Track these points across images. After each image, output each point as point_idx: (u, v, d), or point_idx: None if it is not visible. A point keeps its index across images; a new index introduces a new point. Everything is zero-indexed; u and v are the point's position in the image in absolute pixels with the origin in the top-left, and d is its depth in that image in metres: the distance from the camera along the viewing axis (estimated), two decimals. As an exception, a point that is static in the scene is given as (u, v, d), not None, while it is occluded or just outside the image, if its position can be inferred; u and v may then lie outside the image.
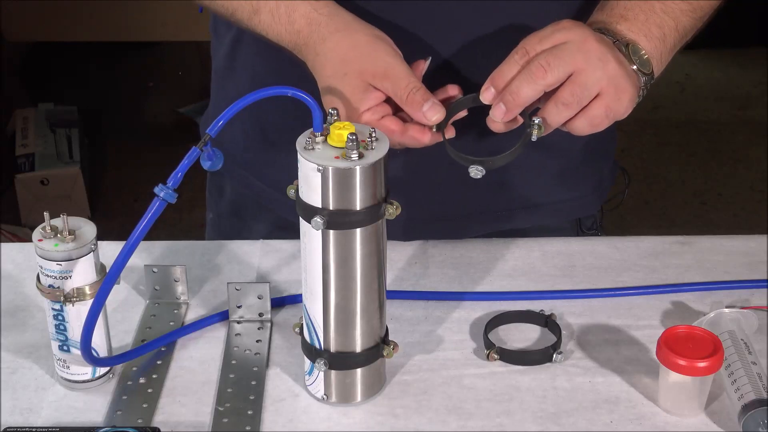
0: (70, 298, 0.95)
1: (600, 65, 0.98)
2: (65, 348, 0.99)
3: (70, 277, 0.95)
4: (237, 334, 1.08)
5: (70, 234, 0.94)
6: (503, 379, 1.02)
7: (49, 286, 0.96)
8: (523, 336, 1.08)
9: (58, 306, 0.96)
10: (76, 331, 0.97)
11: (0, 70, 3.35)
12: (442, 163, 1.04)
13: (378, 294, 0.96)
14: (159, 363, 1.04)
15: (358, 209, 0.90)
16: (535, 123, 0.98)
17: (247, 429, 0.96)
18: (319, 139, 0.90)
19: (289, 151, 0.91)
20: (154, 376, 1.02)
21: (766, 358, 1.01)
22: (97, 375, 1.00)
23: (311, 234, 0.92)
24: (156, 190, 0.89)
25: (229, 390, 1.00)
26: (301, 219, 0.92)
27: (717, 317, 1.04)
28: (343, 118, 0.96)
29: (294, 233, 0.95)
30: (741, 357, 0.98)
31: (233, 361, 1.04)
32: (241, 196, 1.31)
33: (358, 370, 0.98)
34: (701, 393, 0.97)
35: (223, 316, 1.10)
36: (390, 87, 0.99)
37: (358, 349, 0.97)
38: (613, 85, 0.99)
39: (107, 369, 1.01)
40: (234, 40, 1.23)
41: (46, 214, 0.95)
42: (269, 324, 1.09)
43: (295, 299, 1.12)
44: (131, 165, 3.20)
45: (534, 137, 0.98)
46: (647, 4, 1.06)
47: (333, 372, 0.97)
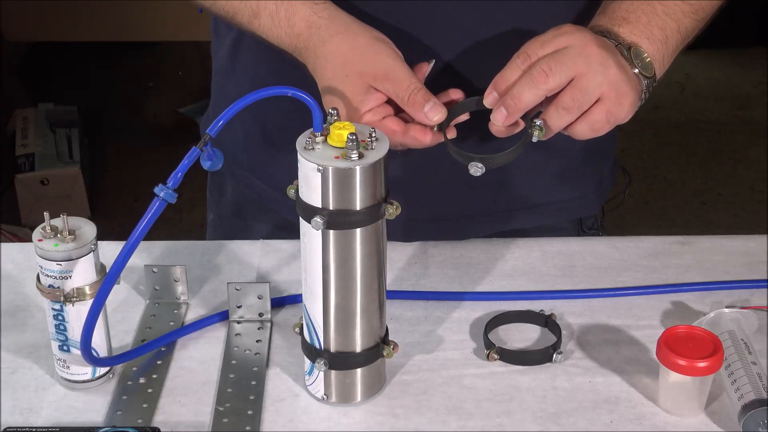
0: (70, 298, 0.95)
1: (601, 70, 0.98)
2: (65, 348, 0.99)
3: (70, 277, 0.95)
4: (237, 334, 1.08)
5: (70, 234, 0.94)
6: (503, 379, 1.02)
7: (49, 286, 0.96)
8: (523, 336, 1.08)
9: (58, 306, 0.96)
10: (76, 331, 0.97)
11: (0, 70, 3.35)
12: (442, 164, 1.04)
13: (378, 294, 0.96)
14: (159, 363, 1.04)
15: (358, 209, 0.90)
16: (536, 124, 0.98)
17: (247, 429, 0.96)
18: (319, 139, 0.90)
19: (291, 151, 0.91)
20: (154, 376, 1.02)
21: (766, 358, 1.01)
22: (97, 375, 1.01)
23: (311, 234, 0.92)
24: (156, 190, 0.89)
25: (229, 390, 1.00)
26: (301, 219, 0.92)
27: (717, 317, 1.04)
28: (344, 119, 0.96)
29: (295, 233, 0.95)
30: (741, 357, 0.98)
31: (233, 361, 1.04)
32: (243, 196, 1.31)
33: (358, 370, 0.98)
34: (701, 393, 0.97)
35: (223, 316, 1.10)
36: (391, 88, 0.99)
37: (358, 349, 0.97)
38: (614, 90, 0.98)
39: (107, 369, 1.01)
40: (235, 41, 1.23)
41: (46, 214, 0.95)
42: (269, 324, 1.09)
43: (295, 299, 1.12)
44: (131, 165, 3.20)
45: (534, 138, 0.98)
46: (649, 7, 1.05)
47: (333, 372, 0.97)
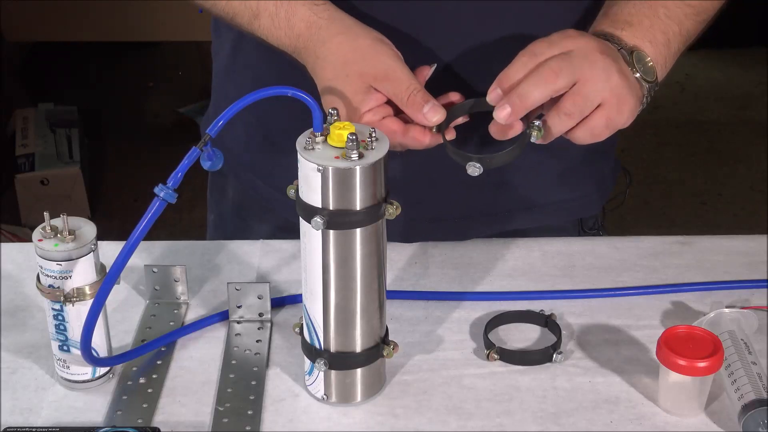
0: (70, 298, 0.95)
1: (603, 76, 0.98)
2: (65, 348, 0.99)
3: (70, 277, 0.95)
4: (237, 334, 1.08)
5: (70, 234, 0.94)
6: (503, 379, 1.02)
7: (49, 286, 0.96)
8: (523, 336, 1.08)
9: (58, 306, 0.96)
10: (76, 331, 0.97)
11: (0, 70, 3.35)
12: (442, 164, 1.04)
13: (378, 294, 0.96)
14: (159, 363, 1.04)
15: (358, 209, 0.90)
16: (534, 125, 0.98)
17: (247, 429, 0.96)
18: (319, 139, 0.90)
19: (292, 152, 0.91)
20: (154, 376, 1.02)
21: (766, 358, 1.01)
22: (97, 375, 1.01)
23: (311, 234, 0.92)
24: (156, 190, 0.89)
25: (229, 390, 1.00)
26: (301, 219, 0.92)
27: (717, 317, 1.04)
28: (343, 119, 0.96)
29: (296, 234, 0.95)
30: (741, 357, 0.98)
31: (233, 361, 1.04)
32: (245, 197, 1.31)
33: (358, 370, 0.98)
34: (701, 393, 0.97)
35: (223, 316, 1.10)
36: (391, 89, 0.99)
37: (358, 349, 0.97)
38: (615, 96, 0.98)
39: (107, 369, 1.01)
40: (235, 41, 1.23)
41: (46, 214, 0.95)
42: (269, 324, 1.09)
43: (295, 299, 1.12)
44: (131, 165, 3.20)
45: (533, 139, 0.98)
46: (651, 10, 1.05)
47: (333, 372, 0.97)
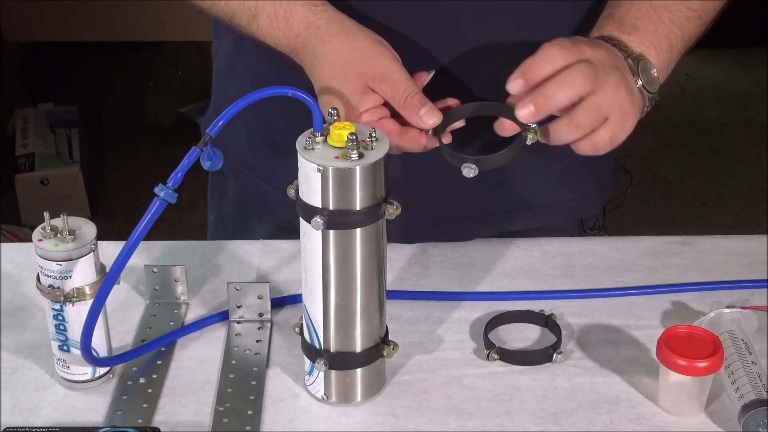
0: (70, 298, 0.95)
1: (614, 90, 0.97)
2: (65, 348, 0.99)
3: (70, 277, 0.95)
4: (237, 334, 1.08)
5: (70, 234, 0.94)
6: (503, 379, 1.02)
7: (49, 286, 0.96)
8: (523, 336, 1.08)
9: (58, 306, 0.96)
10: (76, 331, 0.97)
11: (0, 70, 3.35)
12: (442, 165, 1.04)
13: (378, 294, 0.96)
14: (159, 363, 1.04)
15: (358, 209, 0.90)
16: (531, 127, 0.98)
17: (247, 429, 0.96)
18: (319, 139, 0.90)
19: (293, 153, 0.91)
20: (154, 376, 1.02)
21: (766, 358, 1.01)
22: (97, 375, 1.01)
23: (311, 234, 0.92)
24: (156, 190, 0.89)
25: (229, 390, 1.00)
26: (301, 219, 0.92)
27: (717, 317, 1.04)
28: (342, 119, 0.96)
29: (297, 235, 0.95)
30: (741, 357, 0.98)
31: (233, 361, 1.04)
32: (245, 197, 1.31)
33: (358, 370, 0.98)
34: (701, 393, 0.97)
35: (223, 316, 1.10)
36: (388, 90, 0.99)
37: (358, 349, 0.97)
38: (621, 112, 0.98)
39: (107, 369, 1.01)
40: (235, 42, 1.23)
41: (46, 214, 0.95)
42: (269, 324, 1.09)
43: (295, 299, 1.12)
44: (131, 165, 3.20)
45: (528, 141, 0.98)
46: (656, 14, 1.05)
47: (333, 372, 0.97)
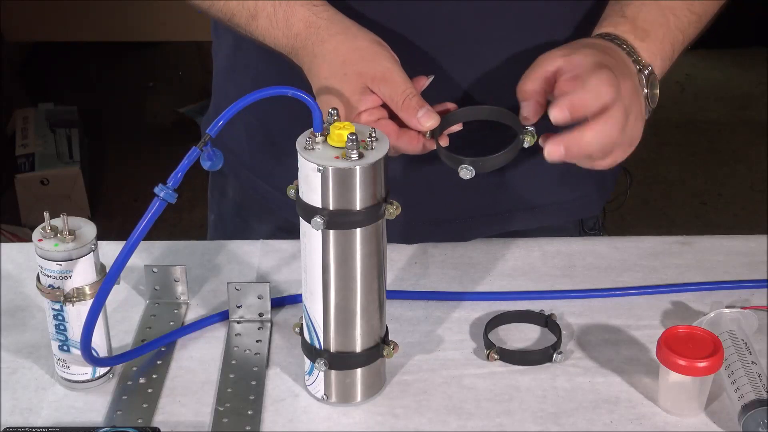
0: (70, 298, 0.95)
1: (635, 131, 0.99)
2: (65, 348, 0.99)
3: (70, 277, 0.95)
4: (237, 334, 1.08)
5: (70, 234, 0.94)
6: (503, 379, 1.02)
7: (49, 286, 0.96)
8: (523, 336, 1.08)
9: (58, 306, 0.96)
10: (76, 331, 0.97)
11: (0, 70, 3.35)
12: (442, 166, 1.04)
13: (378, 294, 0.96)
14: (159, 363, 1.04)
15: (358, 209, 0.90)
16: (528, 130, 0.98)
17: (247, 429, 0.96)
18: (319, 139, 0.90)
19: (293, 153, 0.91)
20: (154, 376, 1.02)
21: (766, 358, 1.01)
22: (97, 375, 1.01)
23: (311, 234, 0.92)
24: (156, 190, 0.89)
25: (229, 390, 1.00)
26: (301, 219, 0.92)
27: (717, 317, 1.04)
28: (341, 118, 0.96)
29: (297, 235, 0.95)
30: (741, 357, 0.98)
31: (233, 361, 1.04)
32: (245, 197, 1.31)
33: (358, 370, 0.98)
34: (701, 393, 0.97)
35: (223, 316, 1.10)
36: (387, 91, 0.99)
37: (358, 349, 0.97)
38: (629, 141, 0.99)
39: (107, 369, 1.01)
40: (235, 42, 1.23)
41: (46, 214, 0.95)
42: (269, 324, 1.09)
43: (295, 299, 1.12)
44: (131, 165, 3.20)
45: (526, 144, 0.98)
46: (664, 18, 1.05)
47: (333, 372, 0.97)
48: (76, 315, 0.96)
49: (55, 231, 0.95)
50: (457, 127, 1.03)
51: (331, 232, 0.91)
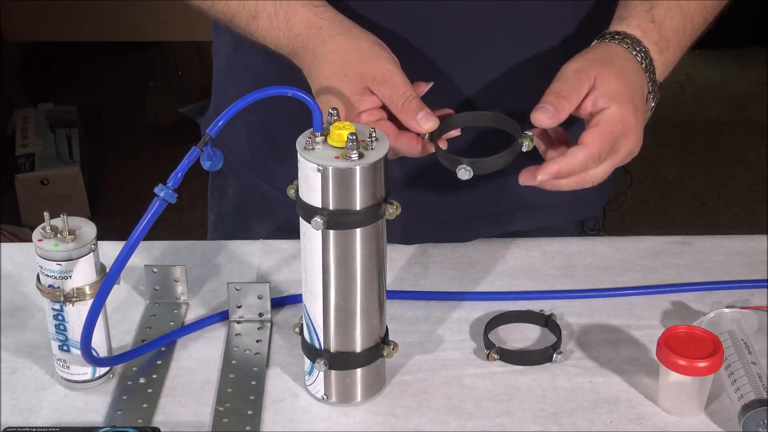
0: (70, 298, 0.95)
1: (634, 150, 1.01)
2: (65, 348, 0.99)
3: (70, 277, 0.95)
4: (237, 334, 1.08)
5: (70, 234, 0.94)
6: (503, 379, 1.02)
7: (49, 286, 0.96)
8: (523, 336, 1.08)
9: (58, 306, 0.96)
10: (76, 331, 0.97)
11: (0, 70, 3.35)
12: (442, 166, 1.04)
13: (378, 294, 0.96)
14: (159, 363, 1.04)
15: (358, 209, 0.90)
16: (527, 134, 0.98)
17: (247, 429, 0.96)
18: (319, 139, 0.90)
19: (293, 153, 0.91)
20: (154, 376, 1.02)
21: (766, 358, 1.01)
22: (97, 375, 1.01)
23: (311, 234, 0.92)
24: (156, 190, 0.89)
25: (229, 390, 1.00)
26: (301, 219, 0.92)
27: (717, 317, 1.04)
28: (341, 118, 0.96)
29: (297, 235, 0.95)
30: (741, 357, 0.98)
31: (233, 361, 1.04)
32: (246, 197, 1.31)
33: (358, 370, 0.98)
34: (701, 393, 0.97)
35: (223, 316, 1.10)
36: (387, 93, 0.99)
37: (358, 349, 0.97)
38: (628, 157, 1.02)
39: (107, 369, 1.01)
40: (235, 41, 1.23)
41: (46, 214, 0.95)
42: (269, 324, 1.09)
43: (295, 299, 1.12)
44: (131, 165, 3.20)
45: (524, 148, 0.98)
46: (683, 27, 1.06)
47: (333, 372, 0.97)
48: (76, 315, 0.96)
49: (55, 231, 0.95)
50: (455, 132, 1.03)
51: (331, 232, 0.91)
